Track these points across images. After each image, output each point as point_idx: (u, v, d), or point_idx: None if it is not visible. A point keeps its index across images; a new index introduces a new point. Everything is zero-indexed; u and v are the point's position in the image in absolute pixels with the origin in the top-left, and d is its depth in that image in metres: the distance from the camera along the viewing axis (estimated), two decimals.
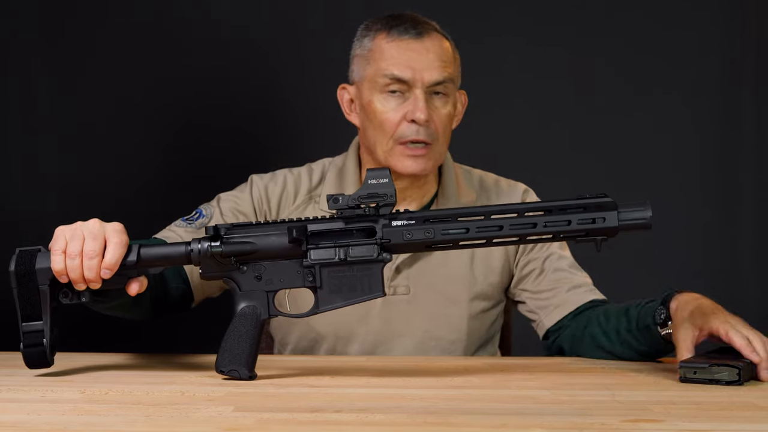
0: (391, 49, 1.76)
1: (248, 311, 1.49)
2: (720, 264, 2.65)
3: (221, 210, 1.82)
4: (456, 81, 1.80)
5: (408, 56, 1.75)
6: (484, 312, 1.84)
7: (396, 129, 1.75)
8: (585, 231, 1.44)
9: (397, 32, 1.77)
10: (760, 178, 2.65)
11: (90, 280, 1.45)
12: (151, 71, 2.61)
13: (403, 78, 1.75)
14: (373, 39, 1.79)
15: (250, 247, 1.47)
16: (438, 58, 1.76)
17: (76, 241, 1.44)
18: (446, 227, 1.45)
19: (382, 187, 1.45)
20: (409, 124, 1.74)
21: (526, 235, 1.45)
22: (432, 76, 1.75)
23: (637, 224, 1.44)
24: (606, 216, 1.44)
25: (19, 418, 1.20)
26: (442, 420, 1.18)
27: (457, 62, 1.81)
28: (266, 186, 1.86)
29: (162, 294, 1.68)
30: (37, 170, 2.60)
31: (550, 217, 1.44)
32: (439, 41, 1.78)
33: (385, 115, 1.76)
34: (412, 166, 1.76)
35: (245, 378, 1.46)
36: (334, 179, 1.86)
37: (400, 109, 1.75)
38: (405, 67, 1.75)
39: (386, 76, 1.76)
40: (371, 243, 1.46)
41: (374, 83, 1.77)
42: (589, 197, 1.45)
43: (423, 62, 1.75)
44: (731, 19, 2.64)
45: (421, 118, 1.73)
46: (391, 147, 1.76)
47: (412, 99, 1.75)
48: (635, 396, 1.34)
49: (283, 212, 1.85)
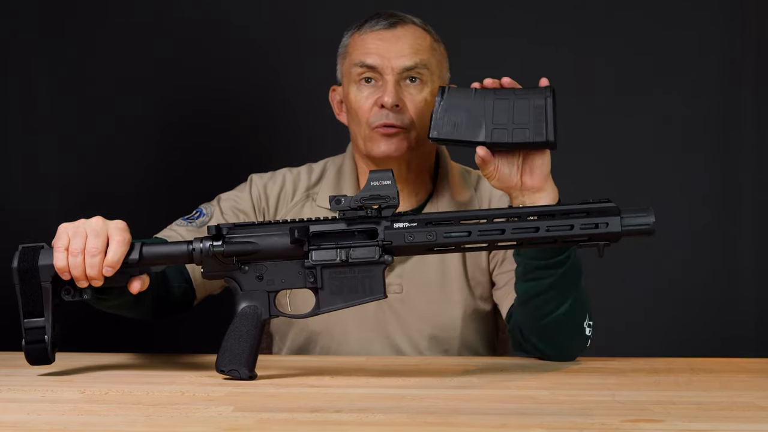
0: (363, 41, 1.79)
1: (249, 311, 1.49)
2: (720, 264, 2.65)
3: (221, 209, 1.82)
4: (433, 69, 1.79)
5: (377, 44, 1.77)
6: (477, 310, 1.84)
7: (368, 115, 1.76)
8: (588, 236, 1.44)
9: (370, 25, 1.80)
10: (760, 178, 2.65)
11: (92, 278, 1.45)
12: (151, 71, 2.61)
13: (373, 65, 1.76)
14: (350, 36, 1.83)
15: (252, 247, 1.47)
16: (409, 45, 1.77)
17: (78, 238, 1.45)
18: (448, 230, 1.45)
19: (385, 189, 1.46)
20: (380, 109, 1.75)
21: (529, 239, 1.45)
22: (401, 62, 1.76)
23: (640, 230, 1.44)
24: (609, 221, 1.44)
25: (19, 418, 1.20)
26: (442, 420, 1.18)
27: (436, 53, 1.81)
28: (265, 185, 1.86)
29: (164, 293, 1.68)
30: (37, 170, 2.60)
31: (553, 222, 1.44)
32: (414, 31, 1.79)
33: (359, 103, 1.77)
34: (386, 147, 1.76)
35: (245, 378, 1.46)
36: (333, 178, 1.87)
37: (372, 96, 1.77)
38: (374, 54, 1.76)
39: (357, 65, 1.77)
40: (373, 245, 1.46)
41: (349, 75, 1.80)
42: (592, 202, 1.45)
43: (392, 49, 1.76)
44: (731, 19, 2.64)
45: (388, 102, 1.74)
46: (367, 133, 1.77)
47: (382, 85, 1.76)
48: (635, 396, 1.34)
49: (281, 210, 1.86)
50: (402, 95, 1.76)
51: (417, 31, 1.80)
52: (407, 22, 1.80)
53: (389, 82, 1.75)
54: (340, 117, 1.87)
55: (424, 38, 1.80)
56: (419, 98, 1.77)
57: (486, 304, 1.85)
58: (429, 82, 1.78)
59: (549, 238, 1.44)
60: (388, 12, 1.81)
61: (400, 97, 1.75)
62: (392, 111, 1.75)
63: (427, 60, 1.78)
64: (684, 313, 2.65)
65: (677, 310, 2.65)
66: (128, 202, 2.58)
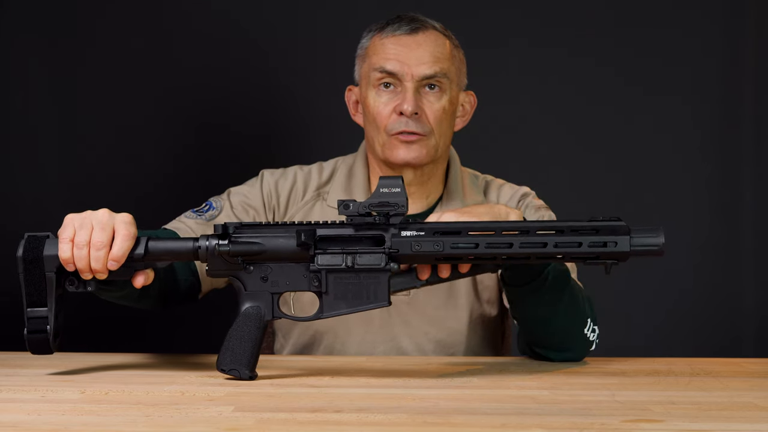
0: (384, 45, 1.78)
1: (252, 312, 1.49)
2: (720, 264, 2.65)
3: (231, 203, 1.82)
4: (453, 77, 1.79)
5: (398, 50, 1.76)
6: (483, 314, 1.84)
7: (387, 122, 1.76)
8: (596, 254, 1.44)
9: (391, 29, 1.79)
10: (760, 178, 2.65)
11: (96, 271, 1.46)
12: (151, 71, 2.61)
13: (393, 71, 1.76)
14: (371, 38, 1.81)
15: (258, 247, 1.47)
16: (429, 53, 1.76)
17: (84, 230, 1.45)
18: (456, 241, 1.45)
19: (394, 196, 1.46)
20: (399, 116, 1.75)
21: (536, 255, 1.45)
22: (422, 70, 1.75)
23: (648, 250, 1.44)
24: (618, 240, 1.43)
25: (19, 418, 1.20)
26: (442, 420, 1.18)
27: (456, 60, 1.81)
28: (276, 181, 1.86)
29: (171, 285, 1.68)
30: (37, 170, 2.60)
31: (561, 238, 1.44)
32: (435, 37, 1.79)
33: (377, 109, 1.77)
34: (405, 154, 1.76)
35: (245, 378, 1.46)
36: (344, 178, 1.86)
37: (390, 102, 1.77)
38: (395, 60, 1.76)
39: (377, 70, 1.77)
40: (379, 252, 1.46)
41: (368, 79, 1.79)
42: (602, 219, 1.45)
43: (413, 56, 1.76)
44: (731, 19, 2.64)
45: (408, 110, 1.74)
46: (385, 140, 1.77)
47: (401, 92, 1.76)
48: (635, 396, 1.34)
49: (292, 208, 1.85)
50: (421, 103, 1.76)
51: (438, 37, 1.79)
52: (428, 27, 1.79)
53: (409, 89, 1.75)
54: (355, 118, 1.86)
55: (444, 45, 1.79)
56: (438, 106, 1.77)
57: (492, 309, 1.85)
58: (448, 90, 1.78)
59: (556, 254, 1.44)
60: (409, 15, 1.80)
61: (419, 104, 1.75)
62: (411, 119, 1.75)
63: (447, 68, 1.78)
64: (684, 314, 2.65)
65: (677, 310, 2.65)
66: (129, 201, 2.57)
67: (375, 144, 1.79)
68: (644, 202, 2.62)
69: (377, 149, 1.79)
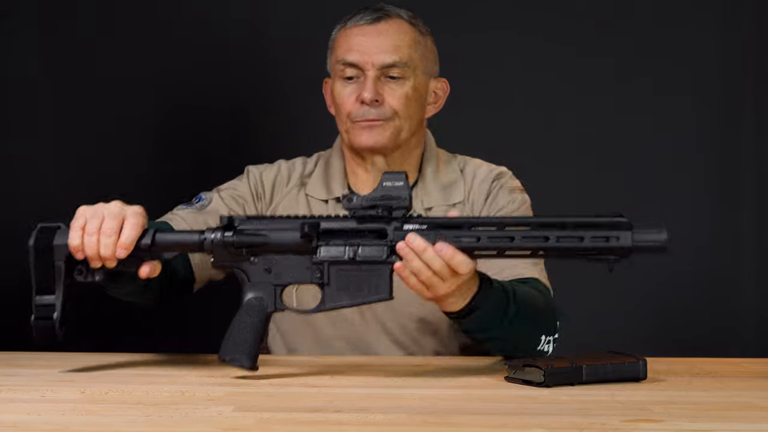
0: (346, 37, 1.81)
1: (255, 302, 1.50)
2: (720, 264, 2.65)
3: (221, 196, 1.84)
4: (417, 65, 1.80)
5: (359, 41, 1.79)
6: None
7: (350, 110, 1.78)
8: (597, 249, 1.43)
9: (354, 20, 1.81)
10: (760, 178, 2.64)
11: (105, 258, 1.48)
12: (151, 70, 2.61)
13: (354, 62, 1.78)
14: (339, 31, 1.84)
15: (262, 239, 1.49)
16: (390, 41, 1.78)
17: (95, 219, 1.48)
18: (457, 235, 1.45)
19: (397, 190, 1.47)
20: (361, 105, 1.77)
21: (538, 249, 1.45)
22: (382, 58, 1.77)
23: (651, 246, 1.44)
24: (620, 235, 1.43)
25: (19, 418, 1.20)
26: (442, 420, 1.18)
27: (420, 47, 1.81)
28: (261, 173, 1.89)
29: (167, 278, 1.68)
30: (37, 170, 2.60)
31: (563, 232, 1.44)
32: (398, 26, 1.80)
33: (341, 99, 1.80)
34: (367, 138, 1.78)
35: (246, 367, 1.47)
36: (321, 170, 1.88)
37: (353, 92, 1.79)
38: (355, 51, 1.78)
39: (339, 62, 1.80)
40: (381, 244, 1.47)
41: (334, 72, 1.82)
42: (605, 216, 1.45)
43: (373, 45, 1.78)
44: (731, 19, 2.64)
45: (368, 98, 1.76)
46: (349, 126, 1.79)
47: (363, 80, 1.78)
48: (635, 396, 1.34)
49: (277, 195, 1.87)
50: (382, 90, 1.78)
51: (401, 25, 1.80)
52: (392, 16, 1.81)
53: (369, 78, 1.77)
54: (331, 109, 1.88)
55: (407, 33, 1.80)
56: (400, 92, 1.78)
57: None
58: (411, 77, 1.79)
59: (558, 248, 1.44)
60: (376, 6, 1.82)
61: (379, 92, 1.77)
62: (372, 106, 1.77)
63: (408, 56, 1.79)
64: (684, 314, 2.65)
65: (677, 310, 2.65)
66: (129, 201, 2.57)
67: (342, 133, 1.83)
68: (644, 201, 2.62)
69: (344, 137, 1.82)
